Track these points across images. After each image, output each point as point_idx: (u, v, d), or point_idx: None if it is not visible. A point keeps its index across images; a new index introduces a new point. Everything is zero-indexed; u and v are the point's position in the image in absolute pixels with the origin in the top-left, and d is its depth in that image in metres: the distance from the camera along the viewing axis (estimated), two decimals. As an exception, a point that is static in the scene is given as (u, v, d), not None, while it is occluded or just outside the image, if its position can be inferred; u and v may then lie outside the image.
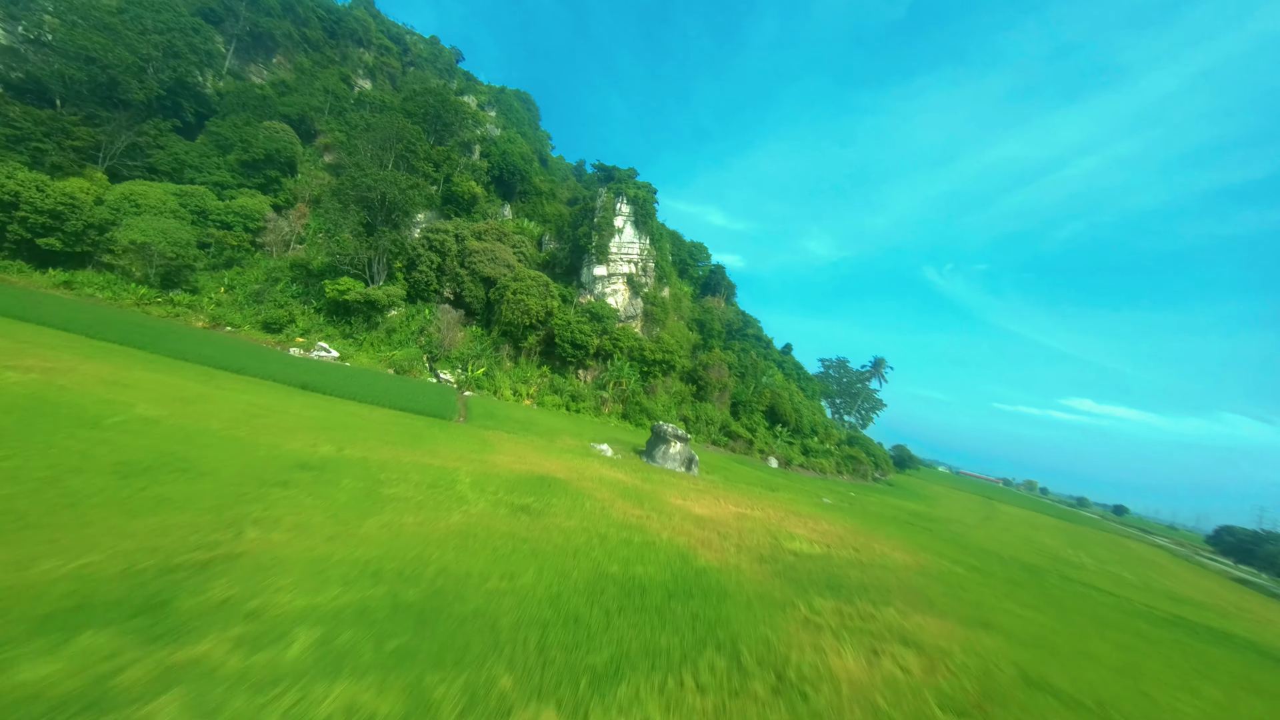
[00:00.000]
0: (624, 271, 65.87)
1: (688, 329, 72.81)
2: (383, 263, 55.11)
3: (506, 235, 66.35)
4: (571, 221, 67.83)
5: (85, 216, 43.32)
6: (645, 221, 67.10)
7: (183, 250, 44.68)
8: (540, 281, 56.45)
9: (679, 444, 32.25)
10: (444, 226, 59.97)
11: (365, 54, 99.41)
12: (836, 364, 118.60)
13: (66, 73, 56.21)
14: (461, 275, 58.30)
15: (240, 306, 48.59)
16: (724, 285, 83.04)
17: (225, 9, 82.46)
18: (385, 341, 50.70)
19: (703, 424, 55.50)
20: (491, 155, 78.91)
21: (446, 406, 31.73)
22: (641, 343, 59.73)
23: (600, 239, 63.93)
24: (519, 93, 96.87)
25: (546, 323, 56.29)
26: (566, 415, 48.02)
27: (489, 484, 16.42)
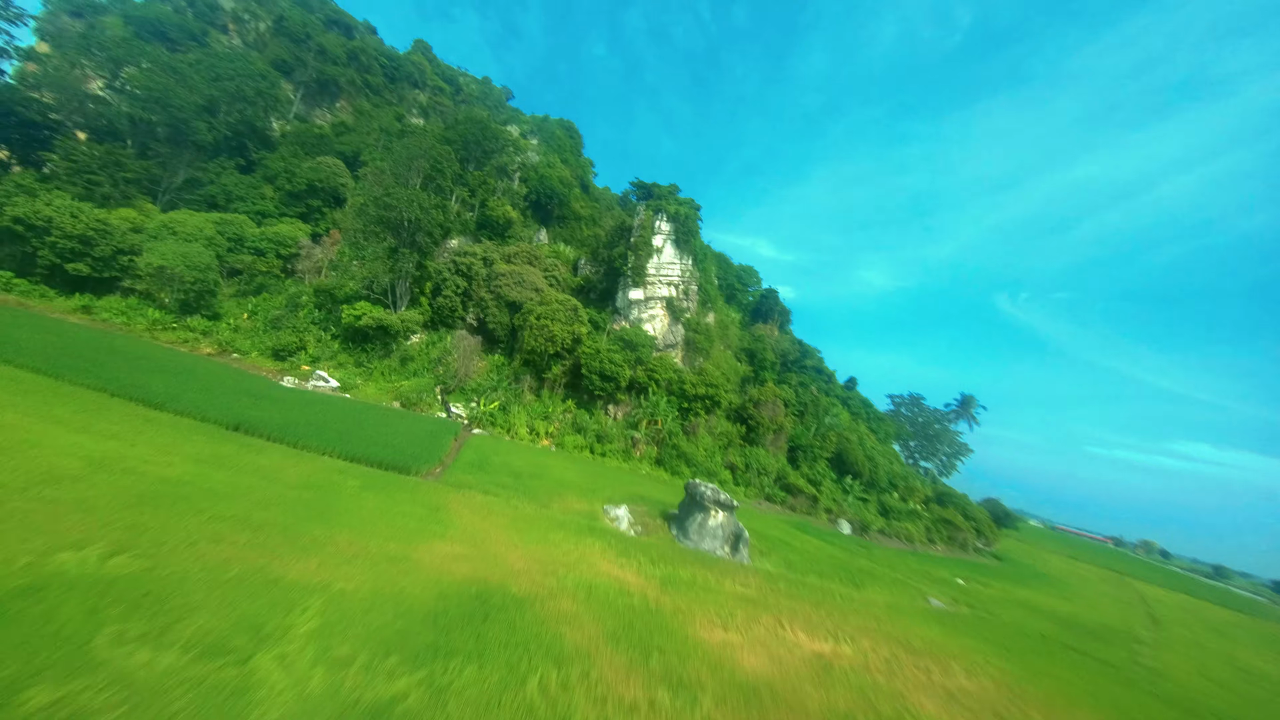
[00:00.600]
0: (663, 295, 58.98)
1: (735, 359, 64.07)
2: (405, 287, 51.77)
3: (538, 258, 61.94)
4: (606, 242, 62.41)
5: (115, 242, 42.86)
6: (687, 240, 60.40)
7: (202, 274, 42.91)
8: (568, 306, 50.62)
9: (722, 513, 23.59)
10: (472, 249, 56.33)
11: (420, 95, 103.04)
12: (909, 401, 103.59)
13: (138, 115, 59.55)
14: (486, 300, 53.80)
15: (256, 333, 46.15)
16: (777, 311, 73.90)
17: (296, 60, 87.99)
18: (398, 371, 46.25)
19: (754, 474, 45.91)
20: (529, 180, 76.42)
21: (426, 453, 25.24)
22: (681, 375, 51.81)
23: (637, 260, 57.75)
24: (562, 121, 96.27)
25: (573, 351, 50.01)
26: (589, 461, 40.51)
27: (359, 624, 9.04)
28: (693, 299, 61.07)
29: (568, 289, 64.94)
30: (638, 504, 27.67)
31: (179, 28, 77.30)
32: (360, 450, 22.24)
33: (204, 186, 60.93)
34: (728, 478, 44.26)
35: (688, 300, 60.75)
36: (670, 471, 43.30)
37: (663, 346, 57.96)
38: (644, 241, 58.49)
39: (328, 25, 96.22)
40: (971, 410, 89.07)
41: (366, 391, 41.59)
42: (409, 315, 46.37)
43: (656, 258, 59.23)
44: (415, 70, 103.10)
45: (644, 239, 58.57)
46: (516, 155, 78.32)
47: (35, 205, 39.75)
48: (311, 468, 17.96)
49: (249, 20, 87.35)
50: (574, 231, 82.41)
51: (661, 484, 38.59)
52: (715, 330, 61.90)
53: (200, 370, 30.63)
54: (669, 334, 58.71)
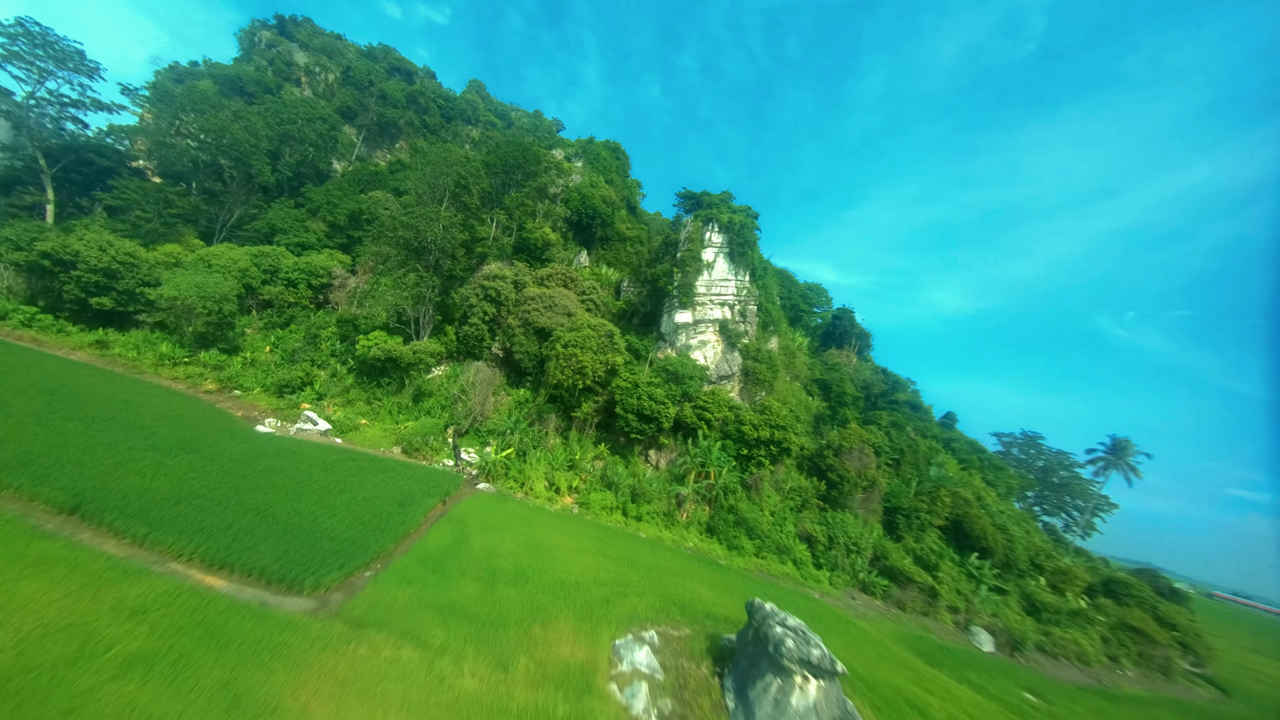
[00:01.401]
0: (715, 317, 49.42)
1: (805, 393, 52.53)
2: (428, 315, 46.58)
3: (574, 280, 55.12)
4: (649, 259, 54.37)
5: (142, 275, 41.22)
6: (743, 253, 50.92)
7: (218, 305, 39.79)
8: (601, 331, 42.58)
9: (815, 684, 13.18)
10: (502, 272, 50.57)
11: (473, 130, 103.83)
12: (1023, 441, 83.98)
13: (206, 159, 61.44)
14: (512, 327, 47.24)
15: (270, 367, 42.31)
16: (854, 335, 61.44)
17: (360, 105, 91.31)
18: (408, 409, 40.13)
19: (840, 550, 33.88)
20: (570, 200, 71.22)
21: (365, 541, 17.29)
22: (739, 413, 41.46)
23: (683, 277, 49.00)
24: (607, 143, 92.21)
25: (607, 385, 41.60)
26: (618, 530, 31.09)
27: None
28: (751, 321, 50.94)
29: (608, 314, 57.39)
30: (674, 625, 17.80)
31: (256, 82, 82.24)
32: (248, 545, 14.66)
33: (255, 221, 61.16)
34: (804, 555, 32.80)
35: (745, 323, 50.70)
36: (726, 544, 32.66)
37: (716, 378, 48.02)
38: (692, 256, 49.76)
39: (390, 72, 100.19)
40: (1128, 458, 68.43)
41: (367, 434, 35.48)
42: (423, 346, 40.48)
43: (707, 274, 50.16)
44: (469, 108, 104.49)
45: (692, 253, 49.86)
46: (558, 177, 73.79)
47: (65, 240, 38.66)
48: (90, 605, 10.41)
49: (319, 72, 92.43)
50: (618, 253, 75.70)
51: (714, 569, 28.18)
52: (779, 358, 51.04)
53: (151, 410, 25.43)
54: (723, 363, 48.74)
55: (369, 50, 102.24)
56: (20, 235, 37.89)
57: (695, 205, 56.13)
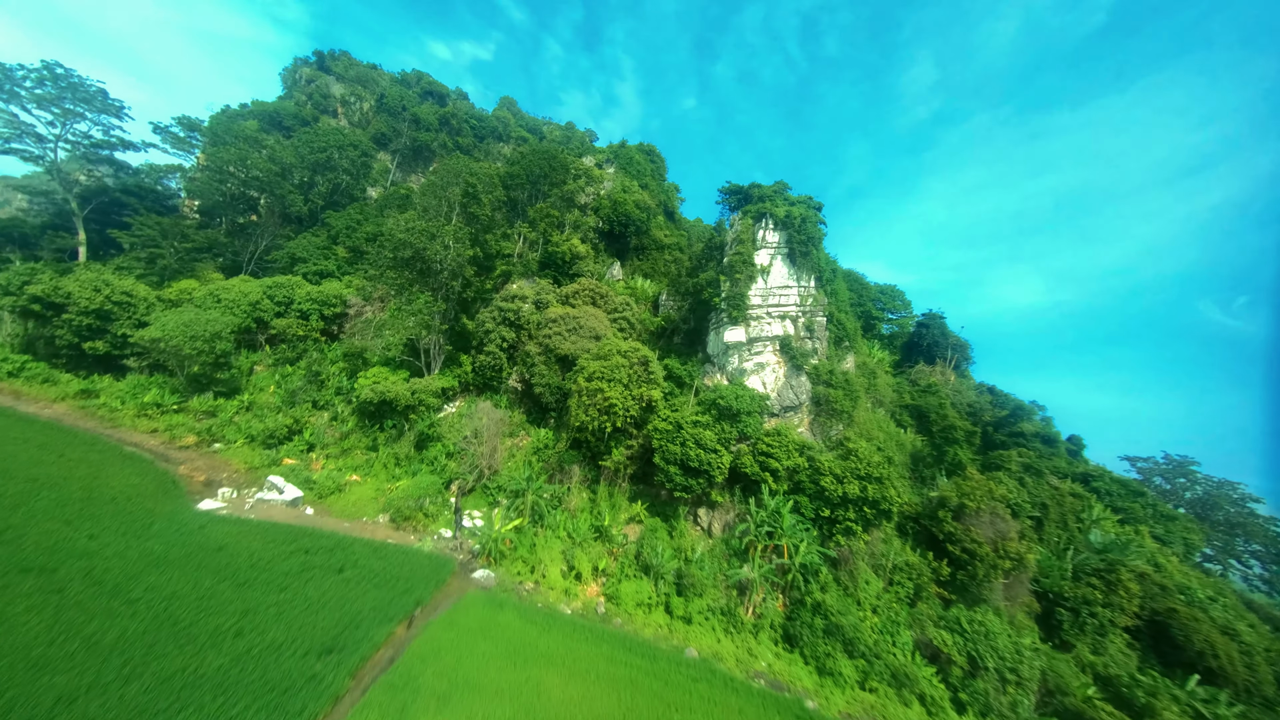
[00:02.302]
0: (773, 334, 39.48)
1: (894, 423, 41.14)
2: (438, 346, 40.16)
3: (604, 296, 47.14)
4: (690, 268, 45.37)
5: (139, 315, 37.60)
6: (806, 253, 40.79)
7: (207, 345, 35.11)
8: (634, 359, 34.00)
9: None
10: (521, 292, 43.49)
11: (504, 147, 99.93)
12: (1167, 468, 66.12)
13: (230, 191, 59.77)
14: (532, 354, 39.78)
15: (265, 412, 37.19)
16: (946, 346, 48.98)
17: (393, 131, 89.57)
18: (408, 459, 33.31)
19: (990, 677, 22.58)
20: (602, 208, 63.86)
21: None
22: (814, 459, 31.20)
23: (733, 287, 39.61)
24: (641, 146, 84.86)
25: (643, 425, 32.88)
26: (660, 644, 22.03)
27: None
28: (820, 336, 40.50)
29: (644, 332, 48.88)
30: None
31: (294, 116, 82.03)
32: None
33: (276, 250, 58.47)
34: (934, 687, 21.90)
35: (812, 338, 40.34)
36: (815, 664, 22.48)
37: (779, 410, 37.97)
38: (742, 261, 40.25)
39: (423, 97, 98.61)
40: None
41: (353, 497, 28.78)
42: (424, 385, 33.64)
43: (762, 281, 40.42)
44: (500, 125, 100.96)
45: (742, 257, 40.35)
46: (588, 185, 66.77)
47: (58, 282, 35.43)
48: None
49: (354, 102, 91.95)
50: (655, 263, 67.30)
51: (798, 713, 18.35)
52: (858, 380, 40.10)
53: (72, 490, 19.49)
54: (787, 390, 38.60)
55: (402, 77, 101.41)
56: (12, 279, 35.05)
57: (743, 200, 46.68)
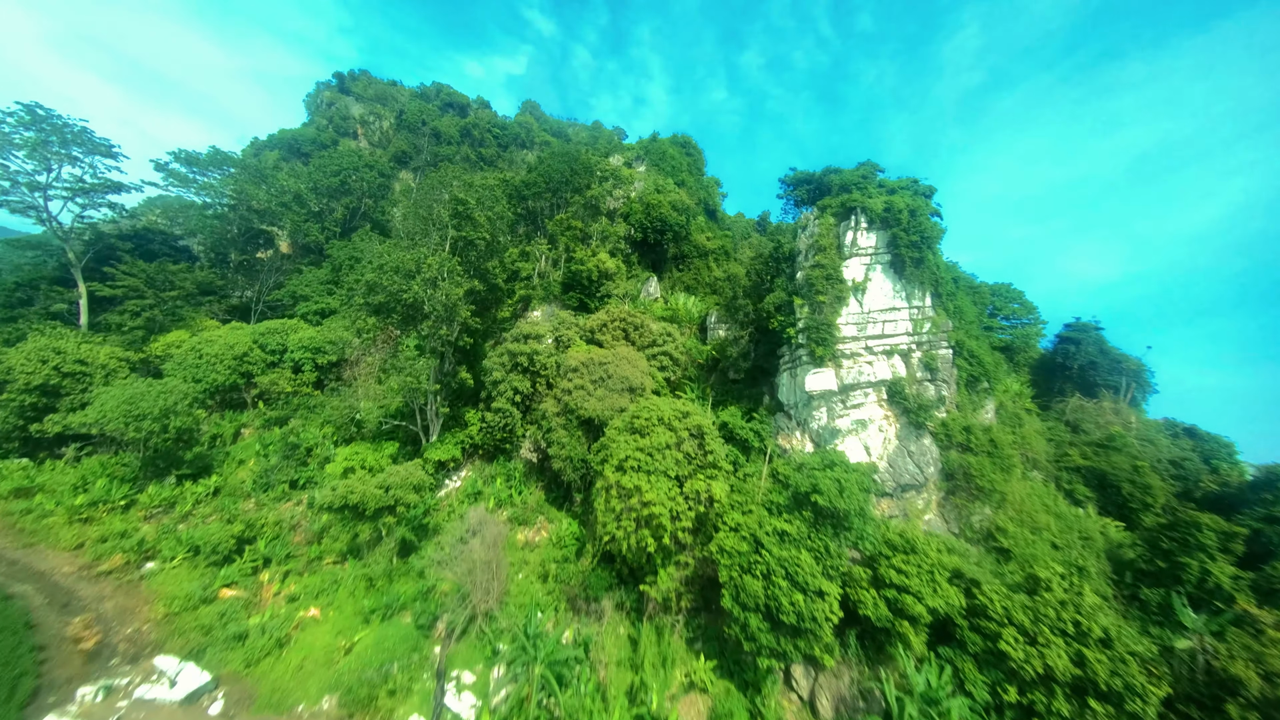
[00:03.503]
0: (877, 377, 27.27)
1: (1064, 499, 27.81)
2: (433, 408, 31.16)
3: (639, 327, 36.55)
4: (749, 284, 33.69)
5: (95, 387, 31.14)
6: (920, 260, 28.15)
7: (156, 425, 27.80)
8: (682, 429, 23.18)
9: None
10: (537, 329, 33.72)
11: (528, 154, 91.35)
12: None
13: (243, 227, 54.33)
14: (549, 416, 29.88)
15: (234, 500, 29.64)
16: (1122, 372, 34.42)
17: (414, 148, 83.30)
18: (392, 574, 24.28)
19: None
20: (633, 213, 53.23)
21: None
22: (976, 592, 19.29)
23: (814, 313, 27.79)
24: (675, 138, 73.31)
25: (700, 532, 22.12)
26: None
27: None
28: (946, 377, 27.80)
29: (690, 367, 37.90)
30: None
31: (312, 141, 77.17)
32: None
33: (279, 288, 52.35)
34: None
35: (934, 381, 27.76)
36: None
37: (894, 488, 25.88)
38: (825, 277, 28.21)
39: (443, 109, 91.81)
40: None
41: (306, 650, 20.01)
42: (403, 475, 24.35)
43: (856, 302, 28.27)
44: (523, 131, 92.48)
45: (824, 271, 28.31)
46: (616, 187, 56.31)
47: (0, 354, 29.33)
48: None
49: (374, 121, 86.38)
50: (699, 272, 55.97)
51: None
52: (1005, 438, 27.06)
53: None
54: (903, 459, 26.38)
55: (421, 91, 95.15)
56: (-54, 356, 29.27)
57: (816, 191, 34.50)
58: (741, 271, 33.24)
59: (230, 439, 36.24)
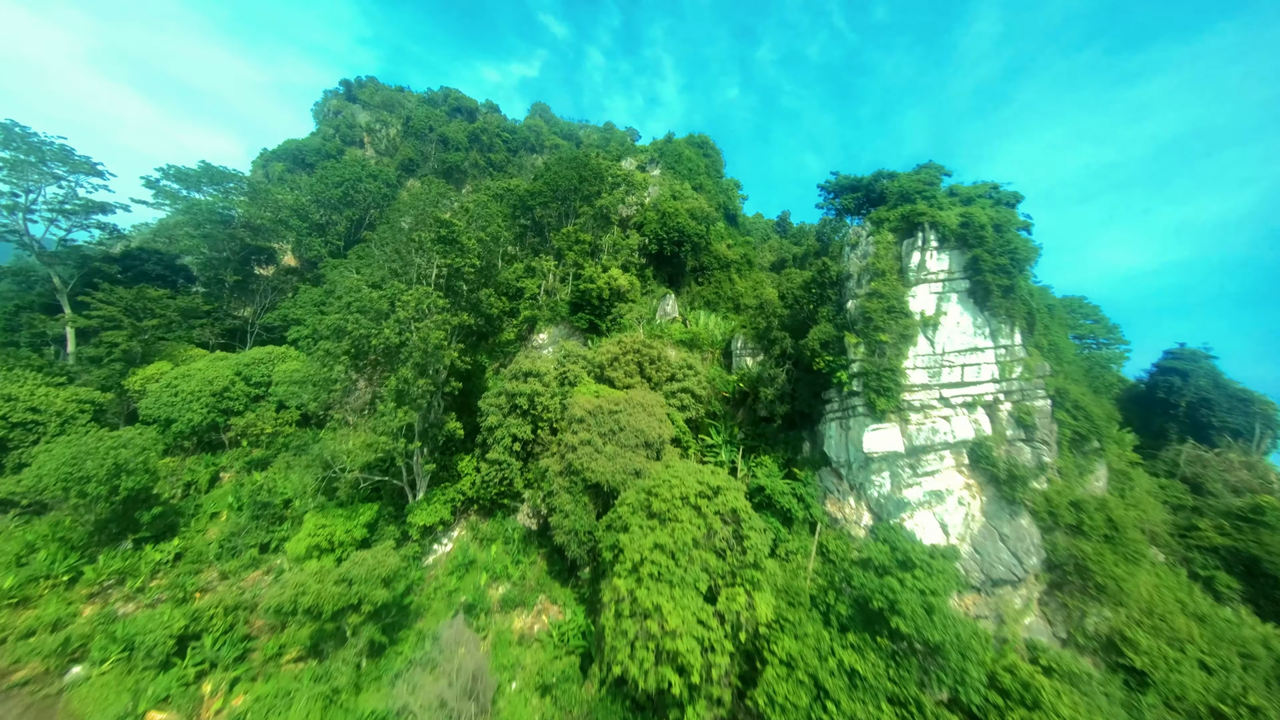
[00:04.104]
0: (956, 437, 21.39)
1: (1201, 593, 21.59)
2: (417, 464, 26.49)
3: (656, 360, 31.23)
4: (786, 314, 27.84)
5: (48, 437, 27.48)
6: (1008, 289, 22.13)
7: (103, 488, 23.84)
8: (712, 512, 17.92)
9: None
10: (537, 367, 28.71)
11: (538, 158, 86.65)
12: None
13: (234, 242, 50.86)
14: (550, 475, 24.89)
15: (197, 568, 25.60)
16: (1228, 406, 27.69)
17: (421, 156, 79.51)
18: (369, 676, 19.69)
19: None
20: (647, 223, 47.83)
21: None
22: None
23: (872, 355, 22.08)
24: (691, 139, 67.48)
25: (740, 651, 16.86)
26: None
27: None
28: (1046, 436, 21.69)
29: (714, 400, 32.48)
30: None
31: (317, 152, 73.87)
32: None
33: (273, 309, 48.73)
34: None
35: (1030, 440, 21.73)
36: None
37: (981, 582, 20.06)
38: (885, 309, 22.40)
39: (451, 114, 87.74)
40: None
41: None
42: (370, 565, 19.65)
43: (927, 340, 22.40)
44: (532, 135, 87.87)
45: (885, 303, 22.49)
46: (628, 194, 50.97)
47: (-60, 405, 25.77)
48: None
49: (380, 129, 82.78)
50: (720, 286, 50.33)
51: None
52: (1124, 514, 20.92)
53: None
54: (992, 543, 20.51)
55: (429, 96, 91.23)
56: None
57: (867, 200, 28.56)
58: (774, 295, 27.62)
59: (206, 485, 32.40)
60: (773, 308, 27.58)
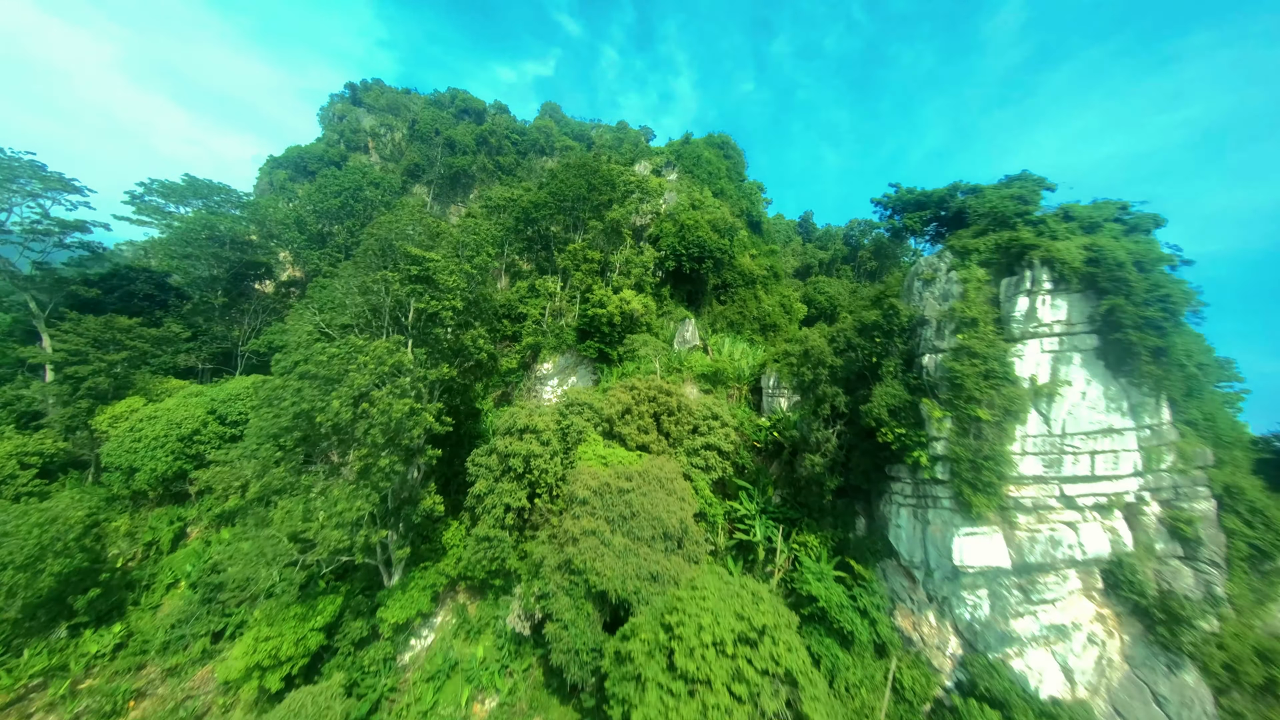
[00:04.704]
0: (1084, 553, 15.65)
1: None
2: (392, 547, 21.84)
3: (676, 411, 25.91)
4: (836, 362, 22.01)
5: (-19, 502, 23.72)
6: (1161, 352, 16.11)
7: (22, 577, 19.82)
8: (759, 679, 12.74)
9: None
10: (535, 420, 23.70)
11: (548, 161, 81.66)
12: None
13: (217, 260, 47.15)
14: (545, 572, 19.91)
15: (152, 647, 21.53)
16: None
17: (427, 160, 75.18)
18: None
19: None
20: (664, 237, 42.33)
21: None
22: None
23: (962, 433, 16.39)
24: (710, 139, 61.31)
25: None
26: None
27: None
28: (1216, 551, 15.78)
29: (742, 450, 27.08)
30: None
31: (319, 159, 70.10)
32: None
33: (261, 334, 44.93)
34: None
35: (1192, 558, 15.83)
36: None
37: (1130, 764, 14.45)
38: (981, 373, 16.67)
39: (459, 116, 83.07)
40: None
41: None
42: (319, 706, 15.01)
43: (1039, 416, 16.60)
44: (541, 136, 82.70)
45: (982, 364, 16.74)
46: (642, 201, 45.51)
47: None
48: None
49: (385, 133, 78.66)
50: (744, 305, 44.65)
51: None
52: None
53: None
54: (1139, 701, 14.81)
55: (435, 98, 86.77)
56: None
57: (938, 220, 22.60)
58: (822, 341, 21.93)
59: (170, 544, 28.53)
60: (819, 354, 21.97)
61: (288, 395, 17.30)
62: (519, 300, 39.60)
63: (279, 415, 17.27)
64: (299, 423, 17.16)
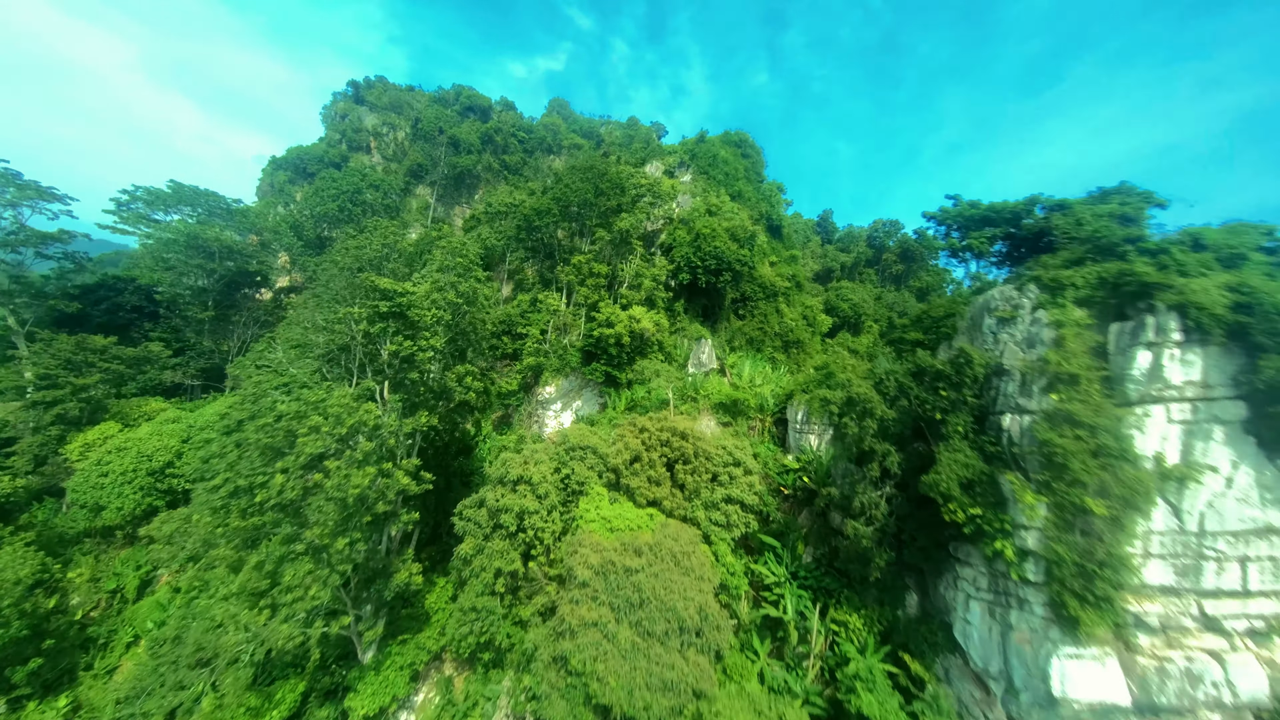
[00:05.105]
0: (1236, 695, 11.98)
1: None
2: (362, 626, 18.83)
3: (692, 459, 22.39)
4: (888, 414, 18.24)
5: (-81, 554, 21.24)
6: (1336, 424, 12.23)
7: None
8: None
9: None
10: (528, 472, 20.39)
11: (555, 160, 78.16)
12: None
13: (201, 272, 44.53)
14: (538, 667, 16.67)
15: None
16: None
17: (430, 160, 72.18)
18: None
19: None
20: (677, 248, 38.57)
21: None
22: None
23: (1059, 524, 12.62)
24: (728, 136, 57.01)
25: None
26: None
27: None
28: None
29: (766, 498, 23.56)
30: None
31: (318, 160, 67.42)
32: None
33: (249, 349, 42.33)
34: None
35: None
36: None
37: None
38: (1090, 450, 12.88)
39: (463, 114, 79.74)
40: None
41: None
42: None
43: (1168, 508, 12.81)
44: (549, 134, 79.10)
45: (1092, 441, 12.96)
46: (653, 205, 41.74)
47: None
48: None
49: (387, 132, 75.60)
50: (765, 319, 40.83)
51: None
52: None
53: None
54: None
55: (439, 95, 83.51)
56: None
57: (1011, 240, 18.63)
58: (870, 389, 18.11)
59: (135, 592, 25.96)
60: (866, 403, 18.24)
61: (221, 467, 14.18)
62: (520, 316, 36.31)
63: (215, 488, 14.15)
64: (236, 500, 14.03)
